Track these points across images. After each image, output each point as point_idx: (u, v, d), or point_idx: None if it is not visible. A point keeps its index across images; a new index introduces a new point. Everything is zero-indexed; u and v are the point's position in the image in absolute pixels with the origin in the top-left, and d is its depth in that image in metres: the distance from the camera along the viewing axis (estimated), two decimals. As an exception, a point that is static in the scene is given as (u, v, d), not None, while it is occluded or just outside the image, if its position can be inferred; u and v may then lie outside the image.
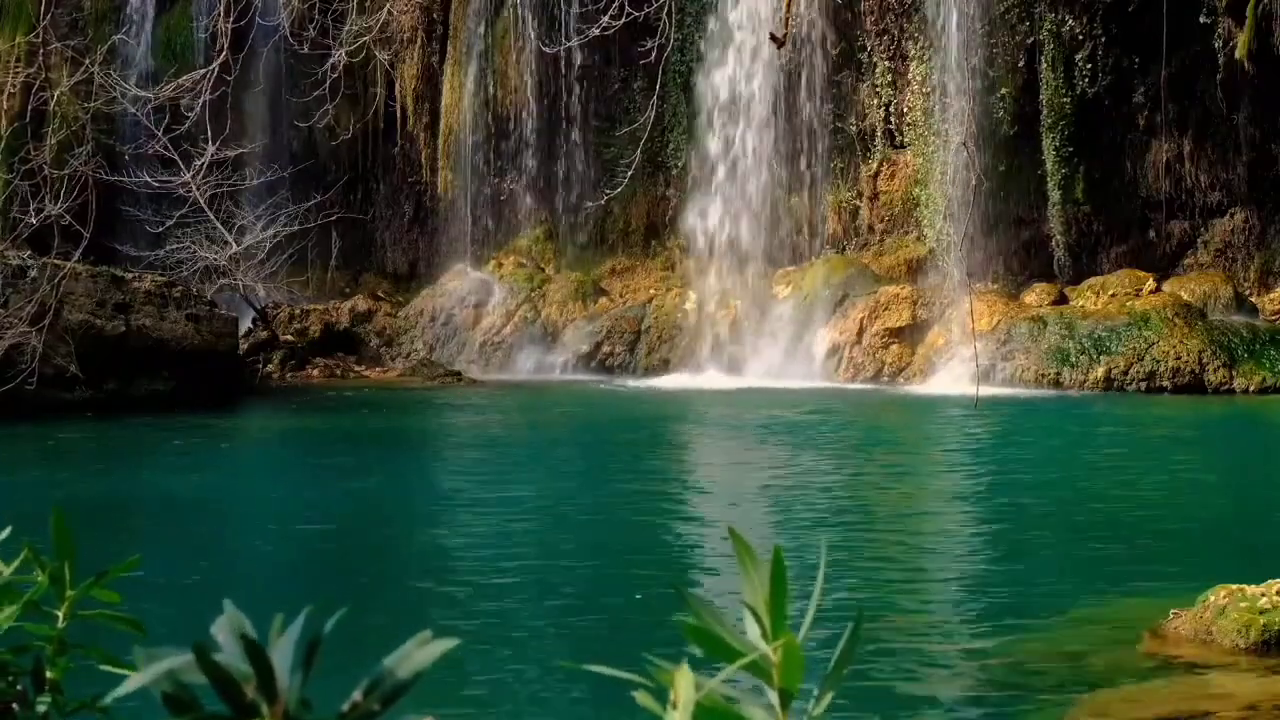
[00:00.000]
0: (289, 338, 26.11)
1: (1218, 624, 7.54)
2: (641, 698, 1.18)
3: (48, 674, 1.62)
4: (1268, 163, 24.13)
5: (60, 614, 1.68)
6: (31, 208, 13.00)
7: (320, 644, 1.01)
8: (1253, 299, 24.05)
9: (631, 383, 24.00)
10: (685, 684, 1.15)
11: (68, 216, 12.26)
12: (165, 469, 15.20)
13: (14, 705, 1.60)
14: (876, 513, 12.62)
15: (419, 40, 28.19)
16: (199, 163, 14.92)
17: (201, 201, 21.58)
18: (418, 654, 1.03)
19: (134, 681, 1.03)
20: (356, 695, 1.00)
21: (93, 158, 13.58)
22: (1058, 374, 22.09)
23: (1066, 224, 24.56)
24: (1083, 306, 23.21)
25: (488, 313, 26.60)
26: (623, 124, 25.17)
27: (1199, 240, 24.66)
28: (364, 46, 23.26)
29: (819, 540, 10.66)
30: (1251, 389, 21.57)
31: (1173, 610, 7.89)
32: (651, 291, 26.22)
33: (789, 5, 15.51)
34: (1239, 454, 16.90)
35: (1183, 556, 10.41)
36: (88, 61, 14.54)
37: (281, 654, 0.97)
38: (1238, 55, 22.94)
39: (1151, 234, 24.70)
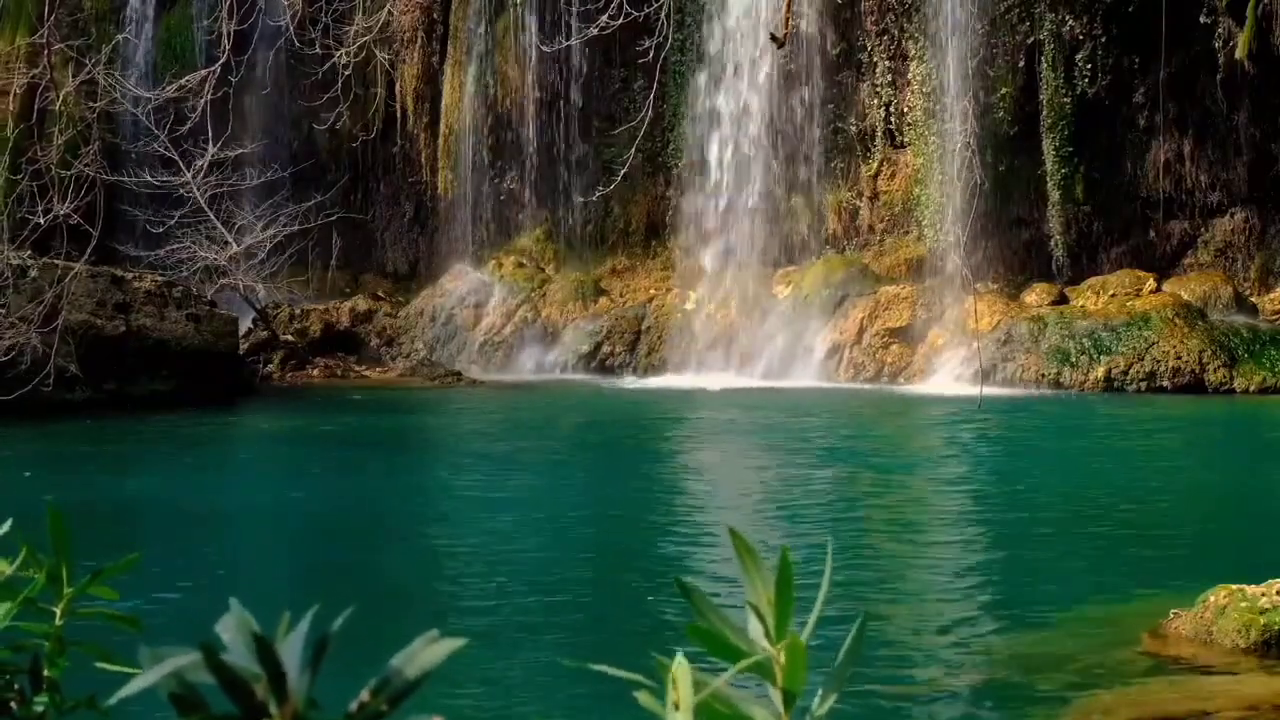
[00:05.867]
0: (289, 338, 26.11)
1: (1218, 624, 7.54)
2: (643, 698, 1.19)
3: (45, 672, 1.62)
4: (1268, 163, 24.13)
5: (58, 611, 1.67)
6: (39, 208, 13.00)
7: (328, 643, 1.01)
8: (1253, 299, 24.04)
9: (631, 383, 24.00)
10: (685, 683, 1.15)
11: (75, 216, 12.27)
12: (166, 469, 15.20)
13: (12, 704, 1.60)
14: (876, 512, 12.62)
15: (419, 40, 28.19)
16: (200, 163, 14.91)
17: (202, 202, 21.57)
18: (425, 653, 1.03)
19: (139, 682, 1.03)
20: (364, 695, 1.00)
21: (98, 158, 13.58)
22: (1058, 374, 22.09)
23: (1066, 224, 24.55)
24: (1083, 306, 23.21)
25: (488, 313, 26.60)
26: (623, 124, 25.16)
27: (1199, 240, 24.66)
28: (364, 46, 23.26)
29: (819, 540, 10.66)
30: (1251, 389, 21.56)
31: (1173, 610, 7.89)
32: (651, 291, 26.22)
33: (789, 5, 15.51)
34: (1239, 454, 16.90)
35: (1183, 556, 10.41)
36: (90, 62, 14.53)
37: (290, 653, 0.97)
38: (1238, 55, 22.93)
39: (1151, 234, 24.69)
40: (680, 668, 1.14)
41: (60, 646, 1.65)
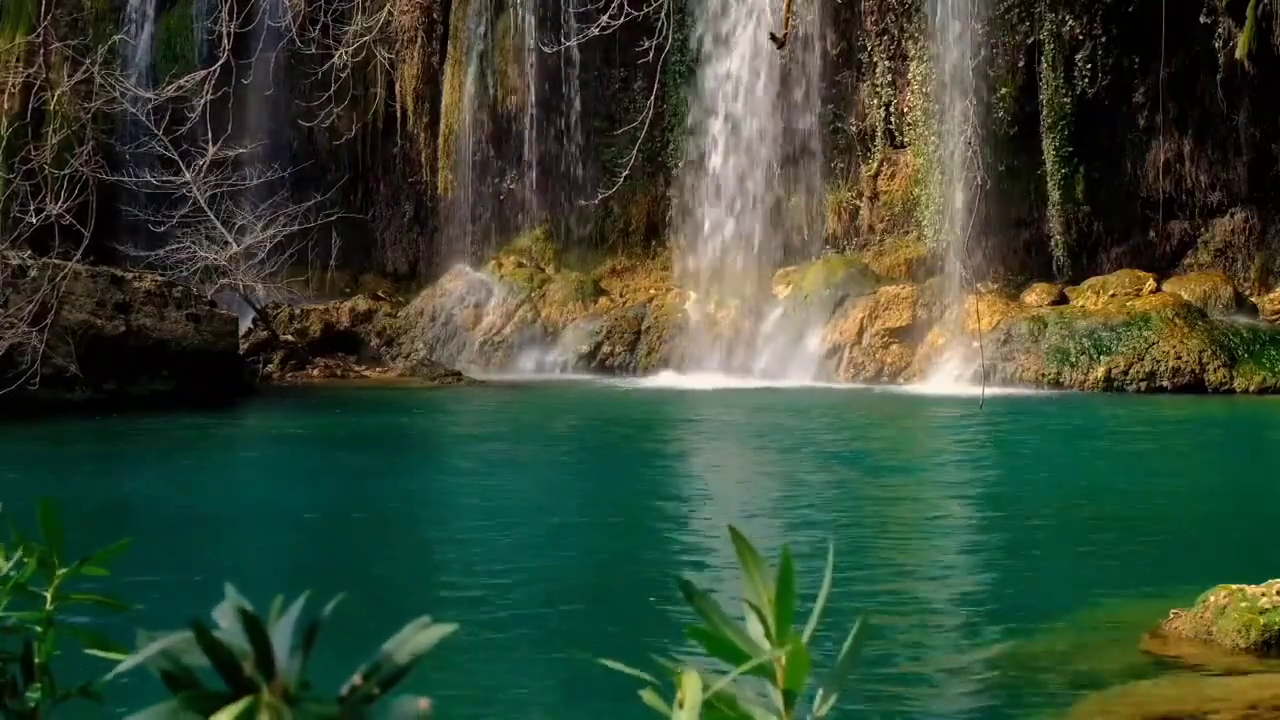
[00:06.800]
0: (289, 338, 26.10)
1: (1218, 624, 7.53)
2: (648, 697, 1.18)
3: (36, 659, 1.62)
4: (1268, 163, 24.12)
5: (48, 595, 1.67)
6: (32, 207, 13.01)
7: (320, 626, 1.01)
8: (1253, 299, 24.04)
9: (632, 383, 24.00)
10: (692, 685, 1.15)
11: (68, 216, 12.27)
12: (164, 469, 15.19)
13: (5, 699, 1.59)
14: (876, 513, 12.61)
15: (419, 40, 28.19)
16: (200, 163, 14.94)
17: (201, 201, 21.58)
18: (417, 638, 1.03)
19: (132, 660, 1.03)
20: (356, 678, 1.00)
21: (93, 157, 13.57)
22: (1058, 374, 22.08)
23: (1066, 224, 24.55)
24: (1083, 306, 23.20)
25: (488, 313, 26.60)
26: (623, 124, 25.16)
27: (1199, 240, 24.66)
28: (364, 46, 23.26)
29: (821, 540, 10.66)
30: (1251, 389, 21.56)
31: (1173, 610, 7.88)
32: (651, 291, 26.22)
33: (789, 5, 15.51)
34: (1239, 454, 16.90)
35: (1183, 556, 10.41)
36: (88, 62, 14.54)
37: (281, 633, 0.97)
38: (1238, 55, 22.93)
39: (1151, 234, 24.69)
40: (689, 671, 1.15)
41: (50, 628, 1.65)
